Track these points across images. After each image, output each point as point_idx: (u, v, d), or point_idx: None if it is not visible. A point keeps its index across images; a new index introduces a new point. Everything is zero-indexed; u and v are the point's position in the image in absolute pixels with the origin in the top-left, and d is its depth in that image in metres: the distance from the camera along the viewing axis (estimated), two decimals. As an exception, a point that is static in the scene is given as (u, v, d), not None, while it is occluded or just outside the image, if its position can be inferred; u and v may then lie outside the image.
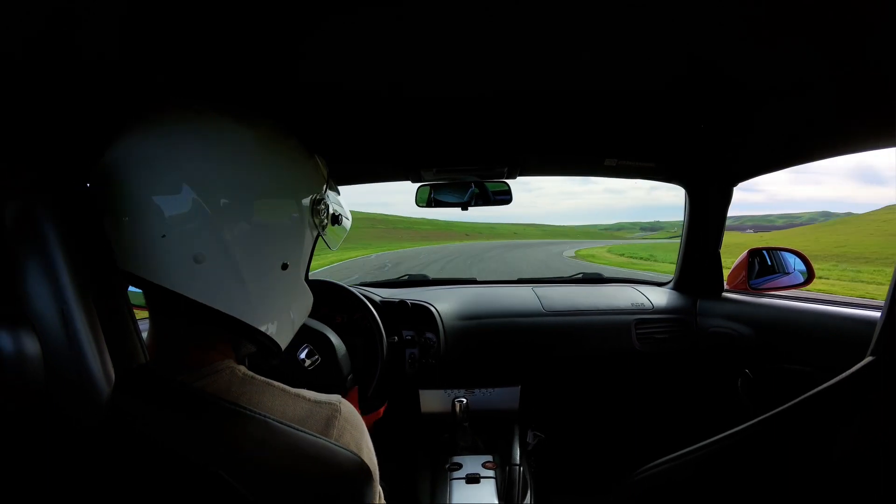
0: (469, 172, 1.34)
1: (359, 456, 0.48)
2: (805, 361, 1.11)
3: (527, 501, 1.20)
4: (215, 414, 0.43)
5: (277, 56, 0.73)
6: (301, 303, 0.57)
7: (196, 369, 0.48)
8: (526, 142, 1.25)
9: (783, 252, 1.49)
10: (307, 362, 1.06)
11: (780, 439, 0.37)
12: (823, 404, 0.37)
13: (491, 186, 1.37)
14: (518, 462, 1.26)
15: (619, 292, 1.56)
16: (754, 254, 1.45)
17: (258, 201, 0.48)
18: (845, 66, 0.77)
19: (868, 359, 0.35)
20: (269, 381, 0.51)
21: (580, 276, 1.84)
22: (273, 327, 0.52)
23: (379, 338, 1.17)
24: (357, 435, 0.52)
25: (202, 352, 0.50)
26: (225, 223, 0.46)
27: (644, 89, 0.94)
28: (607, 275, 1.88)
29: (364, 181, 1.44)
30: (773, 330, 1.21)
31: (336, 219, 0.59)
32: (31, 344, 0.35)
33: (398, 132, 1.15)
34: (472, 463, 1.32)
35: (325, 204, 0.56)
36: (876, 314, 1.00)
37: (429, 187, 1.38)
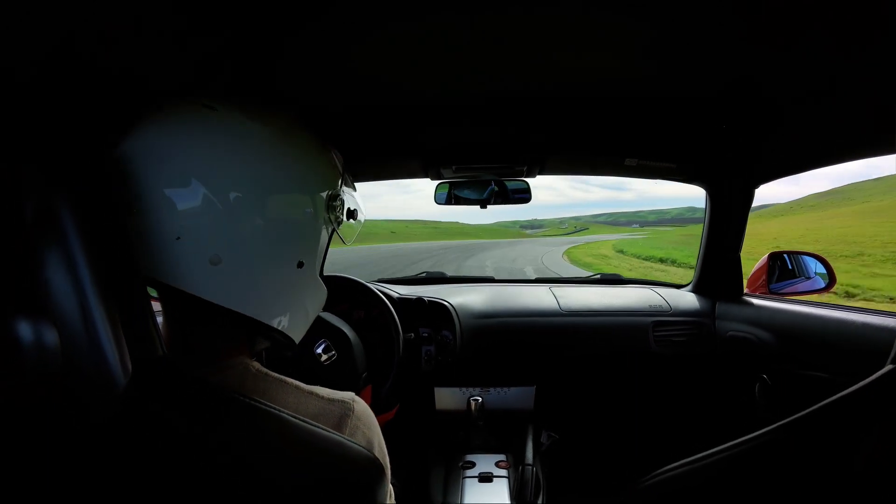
0: (488, 171, 1.34)
1: (371, 452, 0.48)
2: (824, 368, 1.09)
3: (539, 502, 1.19)
4: (229, 407, 0.42)
5: (303, 55, 0.73)
6: (315, 298, 0.57)
7: (210, 364, 0.48)
8: (546, 141, 1.25)
9: (804, 256, 1.46)
10: (323, 357, 1.06)
11: (797, 446, 0.36)
12: (843, 412, 0.36)
13: (510, 185, 1.37)
14: (531, 462, 1.25)
15: (637, 293, 1.55)
16: (775, 257, 1.43)
17: (274, 199, 0.47)
18: (870, 67, 0.76)
19: (888, 367, 0.35)
20: (283, 379, 0.50)
21: (598, 277, 1.83)
22: (287, 323, 0.52)
23: (396, 334, 1.17)
24: (369, 433, 0.52)
25: (216, 347, 0.50)
26: (241, 222, 0.45)
27: (667, 95, 0.93)
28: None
29: (383, 177, 1.44)
30: (793, 335, 1.19)
31: (351, 213, 0.58)
32: (50, 335, 0.36)
33: (419, 130, 1.16)
34: (486, 462, 1.32)
35: (341, 199, 0.55)
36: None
37: (448, 185, 1.38)
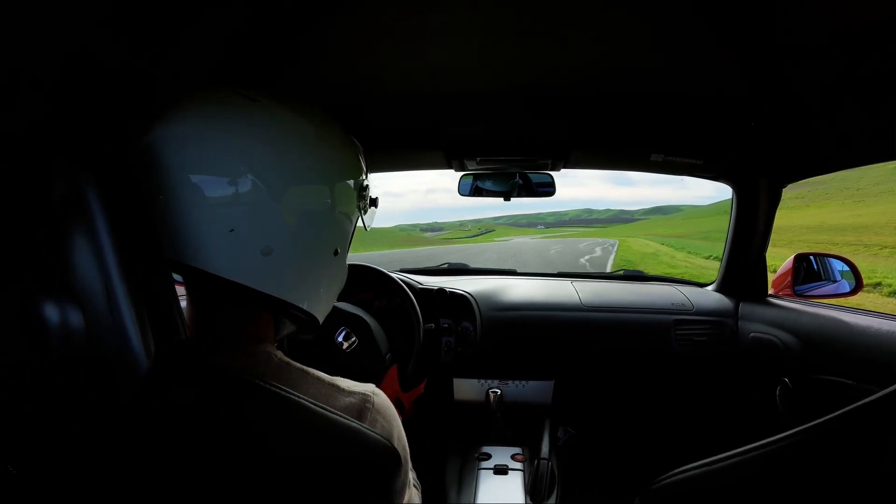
0: (512, 163, 1.34)
1: (389, 442, 0.48)
2: (848, 375, 1.06)
3: (553, 497, 1.19)
4: (250, 392, 0.43)
5: (327, 47, 0.75)
6: (342, 281, 0.59)
7: (234, 350, 0.49)
8: (571, 134, 1.24)
9: (831, 258, 1.44)
10: (345, 345, 1.08)
11: (817, 452, 0.36)
12: (868, 419, 0.35)
13: (534, 178, 1.37)
14: (547, 457, 1.25)
15: (660, 291, 1.54)
16: (801, 258, 1.41)
17: (320, 189, 0.49)
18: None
19: None
20: (305, 369, 0.51)
21: (621, 273, 1.82)
22: (319, 305, 0.53)
23: (417, 323, 1.18)
24: (388, 426, 0.52)
25: (241, 332, 0.50)
26: (290, 213, 0.46)
27: (691, 89, 0.92)
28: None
29: (407, 168, 1.45)
30: (817, 339, 1.17)
31: (374, 201, 0.60)
32: (75, 316, 0.37)
33: (443, 121, 1.16)
34: (502, 454, 1.32)
35: (369, 187, 0.57)
36: None
37: (472, 176, 1.39)
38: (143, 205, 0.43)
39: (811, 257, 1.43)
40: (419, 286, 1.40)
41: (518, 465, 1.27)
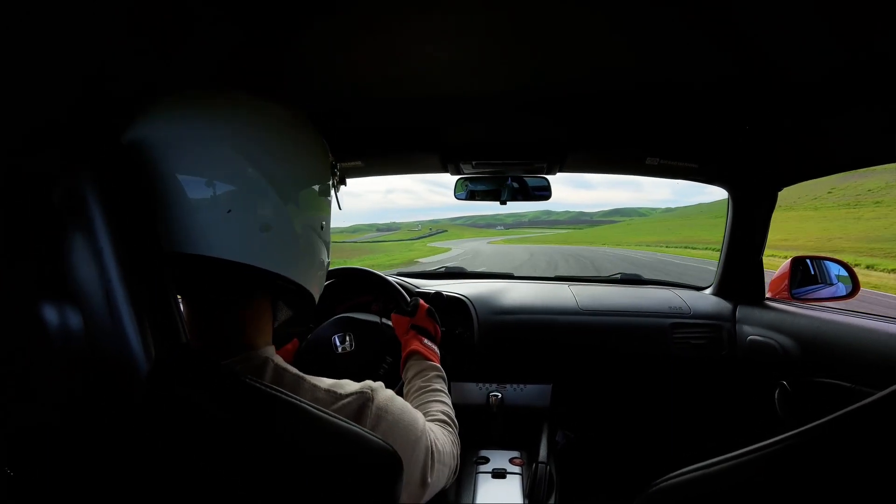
0: (508, 167, 1.34)
1: (392, 447, 0.48)
2: (847, 377, 1.06)
3: (552, 501, 1.18)
4: (252, 397, 0.43)
5: (323, 52, 0.76)
6: (328, 256, 0.61)
7: (233, 354, 0.50)
8: (567, 138, 1.24)
9: (827, 261, 1.44)
10: (340, 348, 1.08)
11: (815, 454, 0.35)
12: (866, 420, 0.34)
13: (530, 181, 1.37)
14: (545, 460, 1.25)
15: (657, 294, 1.53)
16: (797, 262, 1.41)
17: (308, 166, 0.53)
18: None
19: None
20: (301, 375, 0.52)
21: (618, 277, 1.82)
22: (311, 281, 0.55)
23: None
24: (391, 422, 0.53)
25: (240, 334, 0.51)
26: (281, 190, 0.48)
27: (690, 88, 0.92)
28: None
29: (403, 172, 1.46)
30: (815, 342, 1.16)
31: (342, 179, 0.65)
32: (75, 318, 0.37)
33: (439, 125, 1.16)
34: (500, 458, 1.31)
35: (337, 164, 0.61)
36: None
37: (468, 180, 1.39)
38: (141, 203, 0.43)
39: (808, 260, 1.43)
40: (416, 290, 1.40)
41: (516, 469, 1.27)
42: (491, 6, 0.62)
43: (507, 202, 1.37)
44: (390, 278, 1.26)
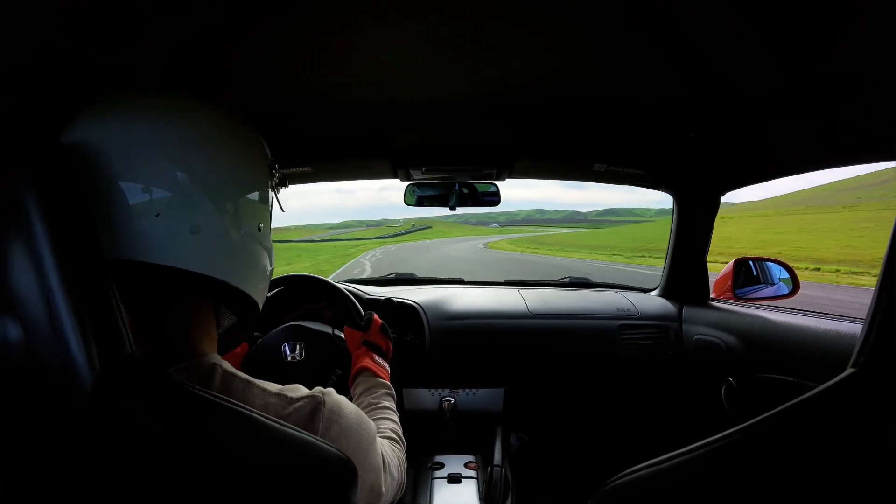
0: (458, 173, 1.34)
1: (344, 454, 0.47)
2: (789, 372, 1.10)
3: (508, 503, 1.19)
4: (199, 406, 0.42)
5: (272, 56, 0.74)
6: (271, 259, 0.61)
7: (179, 361, 0.49)
8: (515, 144, 1.25)
9: (769, 262, 1.49)
10: (289, 357, 1.06)
11: (761, 446, 0.37)
12: (807, 413, 0.36)
13: (480, 188, 1.38)
14: (500, 463, 1.26)
15: (605, 297, 1.57)
16: (740, 263, 1.46)
17: (241, 168, 0.52)
18: (839, 77, 0.77)
19: (849, 370, 0.35)
20: (249, 380, 0.51)
21: (567, 280, 1.85)
22: (254, 286, 0.55)
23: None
24: (344, 427, 0.52)
25: (183, 339, 0.50)
26: (212, 192, 0.49)
27: (635, 98, 0.94)
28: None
29: (353, 178, 1.44)
30: (758, 339, 1.21)
31: (283, 181, 0.63)
32: (14, 329, 0.35)
33: (389, 130, 1.16)
34: (455, 463, 1.31)
35: (277, 165, 0.60)
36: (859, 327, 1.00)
37: (418, 186, 1.39)
38: (82, 209, 0.41)
39: (750, 262, 1.48)
40: (366, 297, 1.39)
41: (472, 473, 1.27)
42: (444, 15, 0.62)
43: (457, 208, 1.37)
44: (341, 286, 1.25)
